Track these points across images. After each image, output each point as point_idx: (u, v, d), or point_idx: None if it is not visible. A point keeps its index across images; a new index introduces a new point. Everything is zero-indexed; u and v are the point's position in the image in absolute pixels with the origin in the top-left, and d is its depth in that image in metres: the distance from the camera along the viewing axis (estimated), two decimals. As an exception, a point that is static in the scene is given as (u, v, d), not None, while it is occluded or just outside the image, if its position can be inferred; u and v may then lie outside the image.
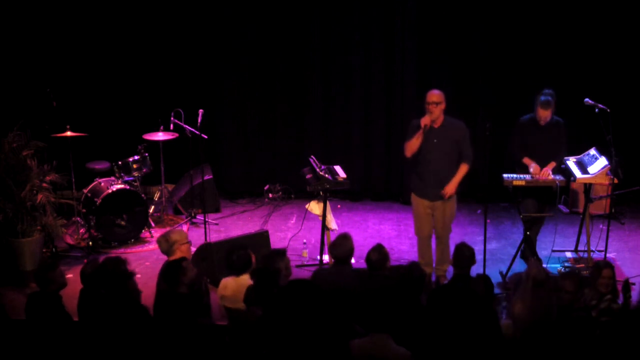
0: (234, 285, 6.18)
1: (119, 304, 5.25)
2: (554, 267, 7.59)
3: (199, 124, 8.31)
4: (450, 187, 7.15)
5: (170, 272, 5.68)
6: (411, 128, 7.19)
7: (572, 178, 7.56)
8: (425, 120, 6.99)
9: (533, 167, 7.45)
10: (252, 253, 6.35)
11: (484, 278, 5.84)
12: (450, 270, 7.20)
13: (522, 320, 4.93)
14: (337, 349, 4.54)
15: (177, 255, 6.24)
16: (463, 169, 7.19)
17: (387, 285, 5.31)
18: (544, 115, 7.42)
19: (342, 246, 6.08)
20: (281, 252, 5.91)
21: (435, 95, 7.04)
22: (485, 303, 4.62)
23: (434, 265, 7.46)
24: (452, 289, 5.36)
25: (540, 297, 5.04)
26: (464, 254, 5.96)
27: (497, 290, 6.81)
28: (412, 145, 7.09)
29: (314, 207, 7.79)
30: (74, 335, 5.32)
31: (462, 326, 4.19)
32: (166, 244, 6.27)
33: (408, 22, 9.35)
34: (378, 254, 5.95)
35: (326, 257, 7.75)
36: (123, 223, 8.47)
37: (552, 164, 7.49)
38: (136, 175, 8.82)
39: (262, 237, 7.82)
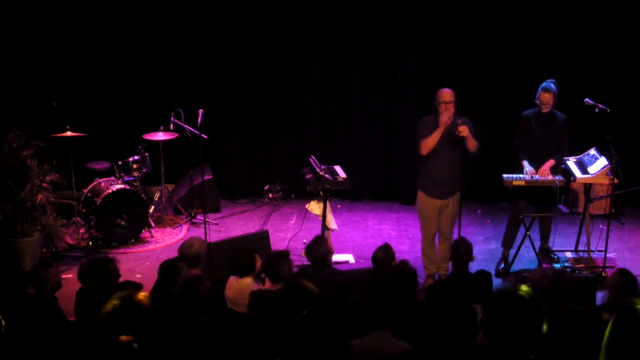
0: (236, 287, 6.18)
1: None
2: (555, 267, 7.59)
3: (199, 124, 8.33)
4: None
5: (166, 272, 5.69)
6: (423, 125, 7.11)
7: (572, 178, 7.56)
8: (445, 119, 6.92)
9: (527, 170, 7.44)
10: (259, 257, 6.35)
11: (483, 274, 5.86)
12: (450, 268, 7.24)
13: None
14: (337, 348, 4.53)
15: (199, 268, 6.13)
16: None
17: (383, 283, 5.35)
18: (545, 99, 7.37)
19: (317, 249, 6.13)
20: (284, 255, 5.90)
21: (448, 94, 6.99)
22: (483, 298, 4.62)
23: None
24: (450, 285, 5.37)
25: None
26: (460, 248, 6.03)
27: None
28: (430, 143, 7.00)
29: (314, 207, 7.78)
30: (69, 337, 5.30)
31: (460, 321, 4.20)
32: (198, 252, 6.13)
33: (408, 22, 9.35)
34: (384, 253, 6.00)
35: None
36: (123, 223, 8.47)
37: (551, 162, 7.47)
38: (136, 175, 8.82)
39: (262, 237, 7.82)
